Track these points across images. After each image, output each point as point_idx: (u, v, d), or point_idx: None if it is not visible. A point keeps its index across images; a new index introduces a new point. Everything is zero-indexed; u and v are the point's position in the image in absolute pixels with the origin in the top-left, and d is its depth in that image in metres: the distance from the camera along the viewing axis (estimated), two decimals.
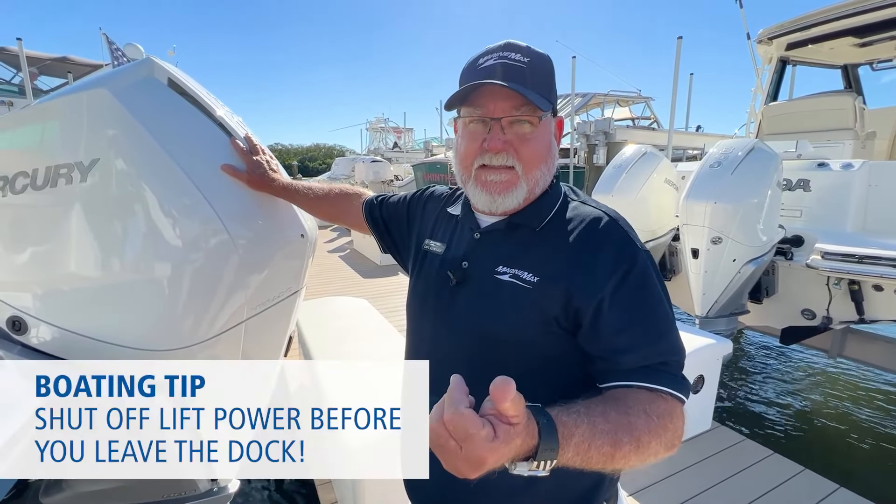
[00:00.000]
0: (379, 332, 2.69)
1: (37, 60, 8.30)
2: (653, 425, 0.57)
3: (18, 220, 1.04)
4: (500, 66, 0.69)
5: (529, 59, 0.69)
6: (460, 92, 0.70)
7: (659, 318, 0.65)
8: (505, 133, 0.69)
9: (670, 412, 0.60)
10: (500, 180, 0.71)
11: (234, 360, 1.14)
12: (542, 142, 0.72)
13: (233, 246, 1.02)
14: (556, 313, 0.66)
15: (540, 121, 0.70)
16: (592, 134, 7.82)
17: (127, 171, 0.98)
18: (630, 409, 0.58)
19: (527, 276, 0.68)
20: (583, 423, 0.52)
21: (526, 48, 0.71)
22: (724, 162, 2.84)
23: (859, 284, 2.73)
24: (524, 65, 0.69)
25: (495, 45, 0.71)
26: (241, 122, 1.19)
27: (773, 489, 2.10)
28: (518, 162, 0.70)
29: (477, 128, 0.72)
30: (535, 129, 0.70)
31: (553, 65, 0.73)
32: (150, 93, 1.03)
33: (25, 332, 1.06)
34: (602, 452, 0.52)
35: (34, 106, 1.11)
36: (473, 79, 0.70)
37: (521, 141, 0.70)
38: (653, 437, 0.57)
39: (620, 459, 0.54)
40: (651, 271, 0.67)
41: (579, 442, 0.51)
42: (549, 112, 0.71)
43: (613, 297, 0.64)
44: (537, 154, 0.71)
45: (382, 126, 28.14)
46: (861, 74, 5.16)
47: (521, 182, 0.71)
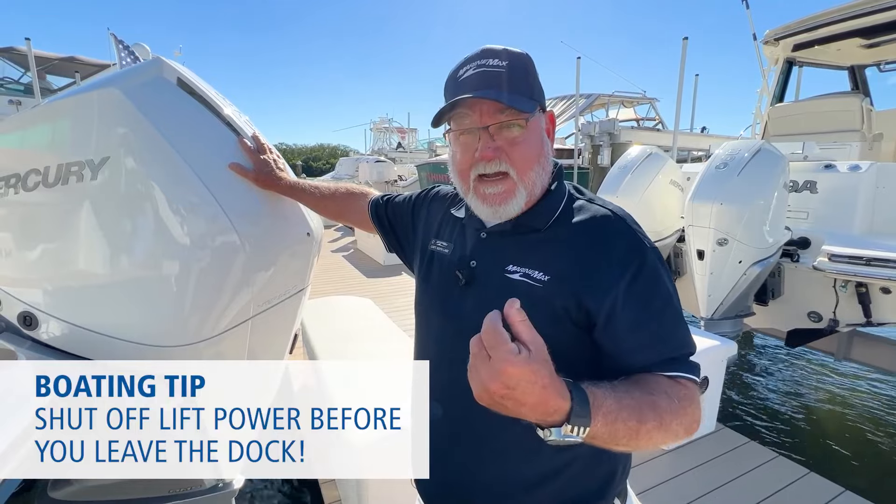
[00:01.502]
0: (383, 331, 2.69)
1: (45, 60, 8.37)
2: (675, 406, 0.59)
3: (30, 217, 1.05)
4: (477, 76, 0.69)
5: (507, 62, 0.70)
6: (443, 111, 0.71)
7: (669, 317, 0.66)
8: (494, 140, 0.70)
9: (690, 397, 0.62)
10: (498, 192, 0.71)
11: (240, 356, 1.15)
12: (533, 142, 0.72)
13: (240, 244, 1.03)
14: (568, 309, 0.67)
15: (527, 122, 0.70)
16: (597, 135, 7.79)
17: (136, 169, 0.99)
18: (653, 390, 0.60)
19: (537, 274, 0.69)
20: (610, 396, 0.54)
21: (502, 51, 0.71)
22: (730, 163, 2.82)
23: (866, 287, 2.70)
24: (502, 69, 0.69)
25: (473, 54, 0.72)
26: (249, 121, 1.20)
27: (778, 492, 2.09)
28: (511, 166, 0.70)
29: (467, 139, 0.72)
30: (524, 130, 0.70)
31: (532, 62, 0.73)
32: (160, 92, 1.04)
33: (36, 328, 1.07)
34: (628, 426, 0.54)
35: (46, 105, 1.13)
36: (454, 91, 0.71)
37: (511, 145, 0.70)
38: (674, 417, 0.59)
39: (644, 436, 0.55)
40: (660, 269, 0.67)
41: (607, 412, 0.52)
42: (535, 111, 0.71)
43: (626, 297, 0.64)
44: (529, 155, 0.71)
45: (386, 126, 28.18)
46: (868, 76, 5.12)
47: (518, 188, 0.71)
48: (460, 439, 0.76)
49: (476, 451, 0.74)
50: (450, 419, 0.77)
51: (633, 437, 0.55)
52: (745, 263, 2.79)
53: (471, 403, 0.74)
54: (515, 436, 0.71)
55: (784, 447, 3.12)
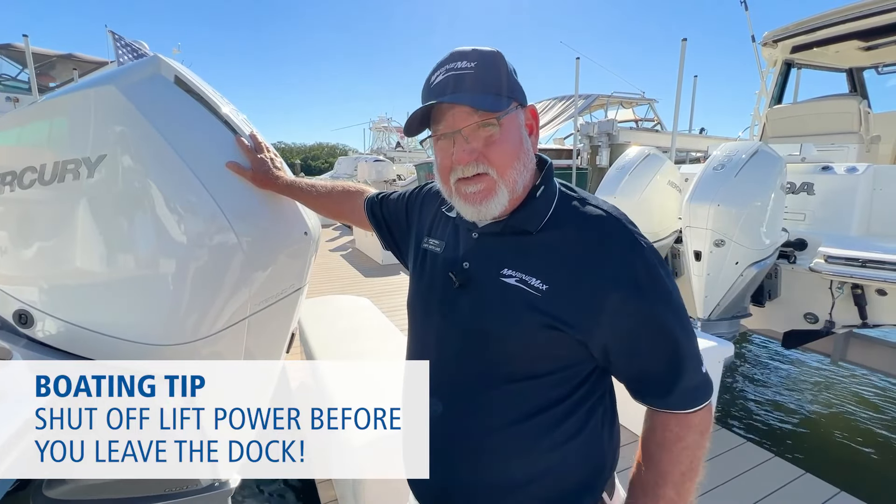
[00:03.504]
0: (380, 330, 2.69)
1: (42, 57, 8.33)
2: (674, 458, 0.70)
3: (26, 214, 1.05)
4: (448, 80, 0.69)
5: (475, 62, 0.69)
6: (412, 119, 0.72)
7: (670, 331, 0.67)
8: (469, 142, 0.69)
9: (680, 435, 0.70)
10: (478, 190, 0.71)
11: (236, 355, 1.14)
12: (510, 140, 0.71)
13: (237, 243, 1.03)
14: (565, 321, 0.66)
15: (500, 120, 0.69)
16: (596, 135, 7.80)
17: (133, 167, 0.99)
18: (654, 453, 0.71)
19: (535, 282, 0.68)
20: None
21: (471, 52, 0.70)
22: (727, 164, 2.83)
23: (862, 288, 2.72)
24: (470, 69, 0.69)
25: (443, 59, 0.72)
26: (246, 119, 1.20)
27: (774, 492, 2.10)
28: (490, 166, 0.69)
29: (444, 144, 0.72)
30: (500, 128, 0.69)
31: (503, 59, 0.72)
32: (157, 90, 1.04)
33: (31, 326, 1.07)
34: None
35: (42, 102, 1.12)
36: (426, 97, 0.71)
37: (487, 145, 0.69)
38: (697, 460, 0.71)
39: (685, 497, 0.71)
40: (659, 270, 0.67)
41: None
42: (508, 107, 0.70)
43: (623, 308, 0.65)
44: (506, 154, 0.70)
45: (385, 126, 28.14)
46: (866, 78, 5.14)
47: (498, 186, 0.70)
48: (454, 439, 0.76)
49: (469, 450, 0.75)
50: (443, 418, 0.77)
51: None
52: (741, 265, 2.80)
53: (464, 403, 0.75)
54: (509, 435, 0.71)
55: (780, 448, 3.13)
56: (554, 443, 0.71)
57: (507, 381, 0.71)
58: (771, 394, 4.12)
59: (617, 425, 0.81)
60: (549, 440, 0.70)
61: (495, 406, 0.72)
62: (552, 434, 0.70)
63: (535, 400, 0.70)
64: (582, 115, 11.09)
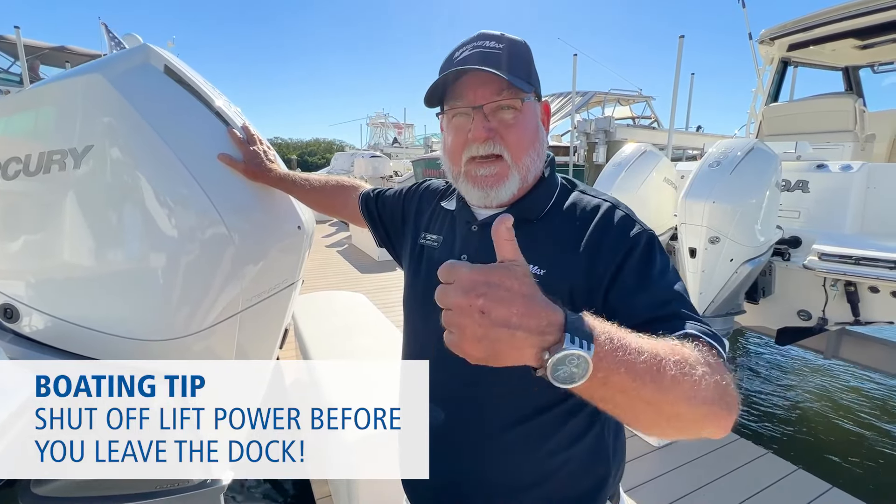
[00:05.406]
0: (376, 327, 2.68)
1: (34, 49, 8.22)
2: (704, 357, 0.48)
3: (10, 206, 1.03)
4: (475, 55, 0.67)
5: (505, 45, 0.68)
6: (438, 83, 0.69)
7: (672, 280, 0.63)
8: (489, 121, 0.68)
9: (721, 365, 0.50)
10: (491, 173, 0.69)
11: (228, 351, 1.13)
12: (529, 126, 0.70)
13: (229, 237, 1.01)
14: (566, 300, 0.65)
15: (523, 103, 0.68)
16: (593, 132, 7.80)
17: (122, 159, 0.96)
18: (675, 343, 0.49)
19: (533, 269, 0.67)
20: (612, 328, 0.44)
21: (500, 35, 0.69)
22: (723, 161, 2.83)
23: (855, 286, 2.73)
24: (500, 51, 0.67)
25: (469, 38, 0.70)
26: (239, 111, 1.18)
27: (767, 488, 2.11)
28: (505, 149, 0.68)
29: (461, 121, 0.70)
30: (520, 113, 0.68)
31: (530, 49, 0.71)
32: (146, 79, 1.02)
33: (17, 320, 1.05)
34: (642, 356, 0.42)
35: (28, 91, 1.10)
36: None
37: (506, 127, 0.68)
38: (706, 369, 0.46)
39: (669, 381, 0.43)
40: (656, 248, 0.66)
41: (609, 330, 0.43)
42: (531, 95, 0.69)
43: (623, 268, 0.62)
44: (524, 139, 0.69)
45: (383, 122, 28.02)
46: (862, 77, 5.16)
47: (511, 172, 0.69)
48: (453, 439, 0.75)
49: (470, 451, 0.74)
50: (445, 419, 0.76)
51: (656, 374, 0.42)
52: (736, 262, 2.80)
53: (466, 402, 0.73)
54: (511, 437, 0.70)
55: (773, 444, 3.16)
56: (559, 444, 0.70)
57: (510, 377, 0.70)
58: (764, 390, 4.15)
59: (623, 434, 0.78)
60: (553, 441, 0.69)
61: (499, 405, 0.71)
62: (557, 434, 0.69)
63: (538, 398, 0.69)
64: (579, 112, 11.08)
